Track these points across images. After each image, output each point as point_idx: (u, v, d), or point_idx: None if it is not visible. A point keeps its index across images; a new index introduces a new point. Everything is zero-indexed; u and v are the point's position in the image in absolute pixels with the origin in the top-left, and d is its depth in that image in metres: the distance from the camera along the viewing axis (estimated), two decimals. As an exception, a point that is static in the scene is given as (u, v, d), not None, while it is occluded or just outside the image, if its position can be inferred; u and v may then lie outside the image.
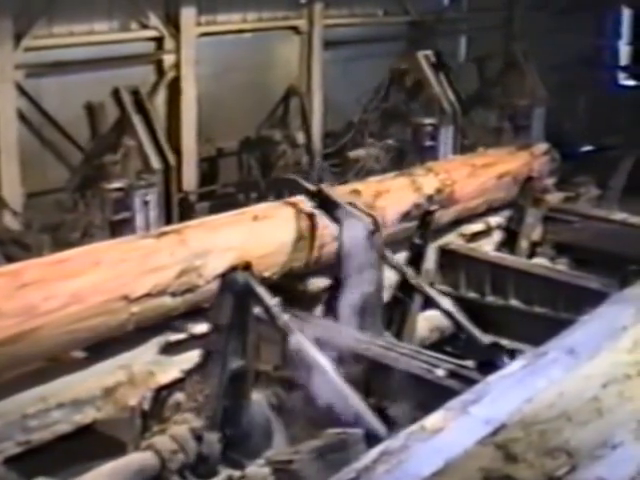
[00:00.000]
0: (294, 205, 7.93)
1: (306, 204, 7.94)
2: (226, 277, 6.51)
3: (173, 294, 6.76)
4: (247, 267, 6.54)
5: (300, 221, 7.82)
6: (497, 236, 10.05)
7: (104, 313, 6.33)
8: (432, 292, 8.02)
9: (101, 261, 6.45)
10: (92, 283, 6.28)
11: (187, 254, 6.87)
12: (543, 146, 11.27)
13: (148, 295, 6.57)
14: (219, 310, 6.42)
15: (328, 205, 7.87)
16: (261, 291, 6.46)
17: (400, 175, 9.38)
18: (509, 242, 9.96)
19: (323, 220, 7.85)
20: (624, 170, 13.64)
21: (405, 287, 8.09)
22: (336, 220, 7.81)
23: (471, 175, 9.87)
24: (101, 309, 6.30)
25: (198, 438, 6.18)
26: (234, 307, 6.37)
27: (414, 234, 8.72)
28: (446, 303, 7.89)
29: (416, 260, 8.60)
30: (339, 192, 8.21)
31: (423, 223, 8.74)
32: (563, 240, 10.08)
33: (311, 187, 8.09)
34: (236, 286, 6.43)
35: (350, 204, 7.87)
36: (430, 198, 9.12)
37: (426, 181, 9.30)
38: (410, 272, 8.13)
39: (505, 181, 10.20)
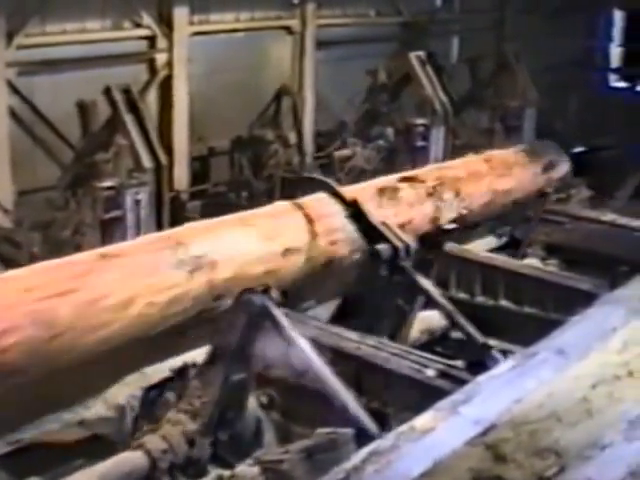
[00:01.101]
0: (306, 215, 7.68)
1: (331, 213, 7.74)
2: (242, 298, 6.35)
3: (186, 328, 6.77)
4: (266, 290, 6.44)
5: (312, 237, 7.60)
6: (490, 238, 10.06)
7: (123, 354, 6.39)
8: (436, 294, 7.88)
9: (132, 303, 6.35)
10: (120, 331, 6.23)
11: (210, 297, 6.80)
12: (566, 167, 11.16)
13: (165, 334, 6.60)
14: (230, 328, 6.32)
15: (360, 220, 7.70)
16: (278, 314, 6.39)
17: (427, 199, 9.06)
18: (508, 246, 9.93)
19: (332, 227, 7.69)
20: (632, 184, 13.65)
21: (409, 289, 7.96)
22: (367, 238, 7.68)
23: (491, 202, 9.81)
24: (121, 351, 6.33)
25: (190, 442, 6.17)
26: (246, 327, 6.30)
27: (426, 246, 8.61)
28: (448, 305, 7.79)
29: (422, 267, 8.55)
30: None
31: (438, 239, 8.70)
32: (554, 241, 10.10)
33: (344, 195, 7.81)
34: (252, 307, 6.35)
35: (384, 224, 7.71)
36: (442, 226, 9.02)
37: (448, 207, 9.19)
38: (419, 276, 7.96)
39: (518, 205, 10.21)
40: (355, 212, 7.75)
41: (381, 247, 7.59)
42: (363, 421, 5.89)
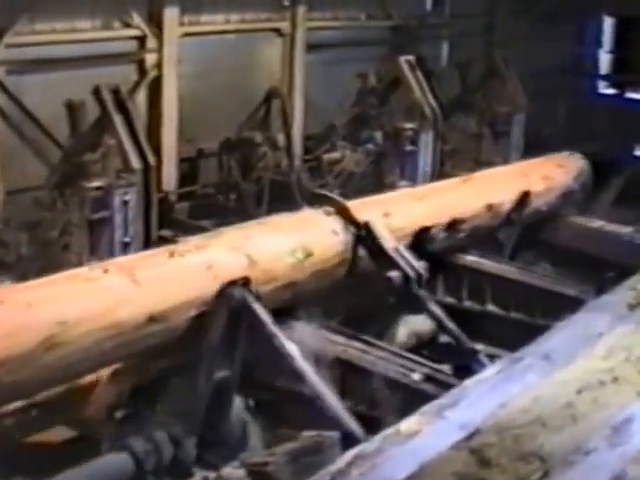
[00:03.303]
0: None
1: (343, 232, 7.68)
2: (223, 292, 6.39)
3: None
4: (245, 283, 6.43)
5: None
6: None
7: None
8: (428, 300, 7.82)
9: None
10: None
11: None
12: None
13: None
14: (212, 323, 6.33)
15: (372, 244, 7.60)
16: (257, 308, 6.36)
17: None
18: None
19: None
20: (616, 186, 13.64)
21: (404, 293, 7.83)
22: (377, 263, 7.59)
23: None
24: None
25: (176, 443, 6.16)
26: (227, 322, 6.30)
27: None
28: (437, 310, 7.76)
29: None
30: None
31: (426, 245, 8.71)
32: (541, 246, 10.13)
33: (357, 217, 7.68)
34: (232, 301, 6.35)
35: (396, 250, 7.57)
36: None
37: None
38: (432, 304, 7.81)
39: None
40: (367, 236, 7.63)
41: (393, 275, 7.46)
42: (349, 424, 5.90)
